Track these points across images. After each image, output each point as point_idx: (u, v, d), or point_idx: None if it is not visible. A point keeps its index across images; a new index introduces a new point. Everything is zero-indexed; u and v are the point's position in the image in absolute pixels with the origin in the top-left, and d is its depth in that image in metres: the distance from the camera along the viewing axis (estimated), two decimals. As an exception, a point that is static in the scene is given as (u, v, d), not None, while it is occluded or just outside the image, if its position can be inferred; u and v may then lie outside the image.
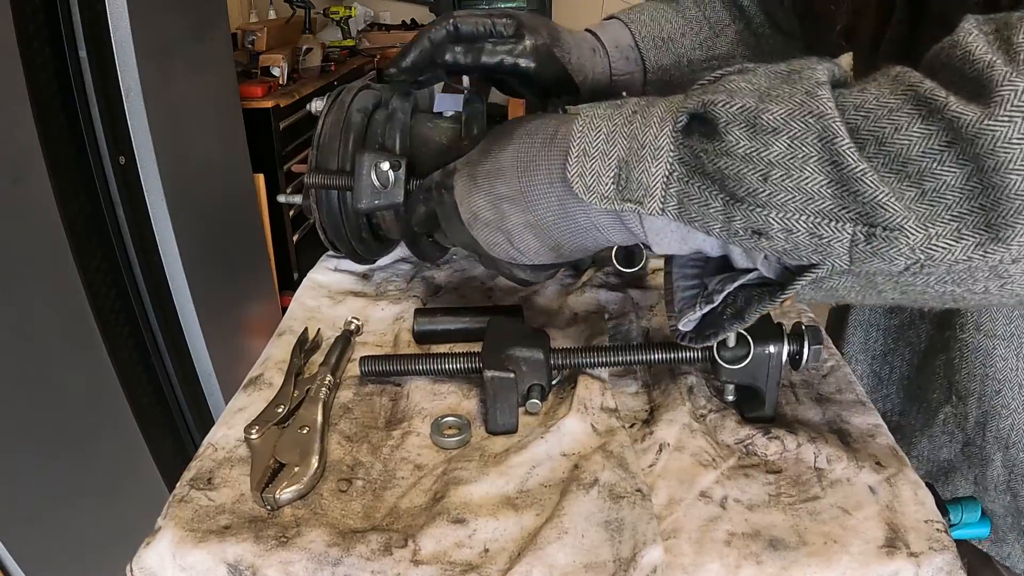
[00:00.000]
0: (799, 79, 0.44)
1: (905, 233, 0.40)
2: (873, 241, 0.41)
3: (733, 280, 0.51)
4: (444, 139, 0.76)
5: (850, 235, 0.42)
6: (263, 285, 2.31)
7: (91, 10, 1.46)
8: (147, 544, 0.52)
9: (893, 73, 0.43)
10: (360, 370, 0.68)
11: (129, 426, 1.62)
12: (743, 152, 0.43)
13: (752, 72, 0.47)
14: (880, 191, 0.40)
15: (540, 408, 0.64)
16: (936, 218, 0.40)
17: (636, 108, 0.49)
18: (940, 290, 0.44)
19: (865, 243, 0.42)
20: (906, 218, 0.40)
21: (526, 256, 0.58)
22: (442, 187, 0.60)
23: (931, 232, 0.40)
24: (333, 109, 0.76)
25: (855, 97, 0.42)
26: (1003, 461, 0.78)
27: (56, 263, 1.39)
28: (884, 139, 0.41)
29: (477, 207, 0.56)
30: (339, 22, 3.50)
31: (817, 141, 0.41)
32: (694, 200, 0.46)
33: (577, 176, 0.49)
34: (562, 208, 0.53)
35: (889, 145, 0.40)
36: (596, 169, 0.48)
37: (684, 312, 0.54)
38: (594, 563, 0.50)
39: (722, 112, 0.44)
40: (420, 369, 0.67)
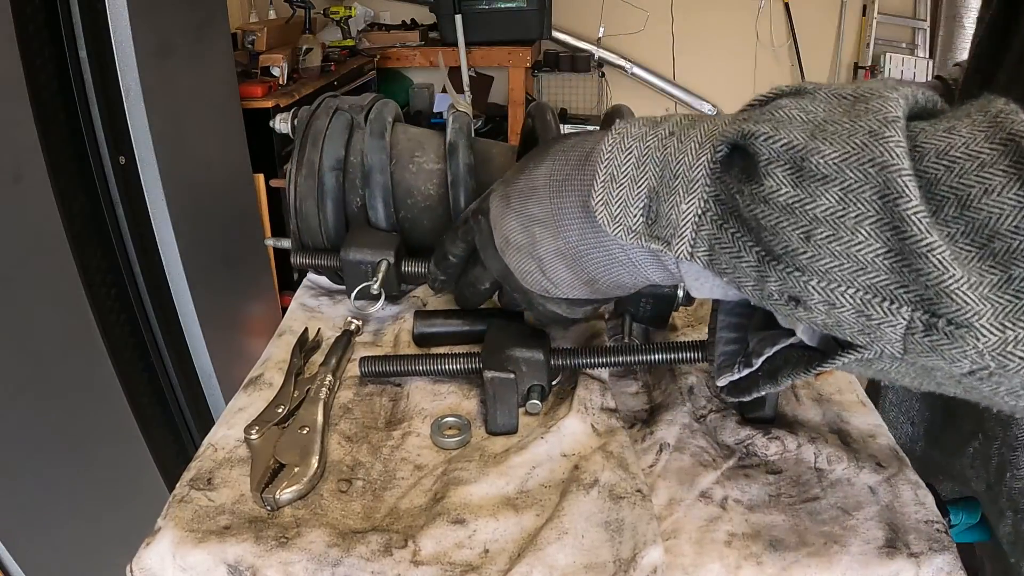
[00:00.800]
0: (865, 111, 0.35)
1: (975, 332, 0.32)
2: (933, 334, 0.33)
3: (774, 343, 0.45)
4: (430, 186, 0.75)
5: (906, 321, 0.34)
6: (263, 285, 2.31)
7: (91, 10, 1.46)
8: (147, 544, 0.52)
9: (994, 111, 0.33)
10: (360, 371, 0.68)
11: (129, 427, 1.62)
12: (784, 201, 0.35)
13: (811, 96, 0.38)
14: (951, 274, 0.32)
15: (540, 409, 0.64)
16: (1019, 318, 0.31)
17: (674, 129, 0.41)
18: (1012, 402, 0.35)
19: (923, 334, 0.33)
20: (980, 313, 0.31)
21: (559, 289, 0.51)
22: (479, 212, 0.55)
23: (1008, 335, 0.31)
24: (303, 169, 0.73)
25: (939, 140, 0.33)
26: (1013, 522, 0.71)
27: (56, 263, 1.39)
28: (969, 202, 0.32)
29: (509, 230, 0.51)
30: (339, 22, 3.50)
31: (877, 198, 0.33)
32: (726, 249, 0.38)
33: (602, 204, 0.42)
34: (595, 237, 0.46)
35: (974, 211, 0.32)
36: (624, 198, 0.41)
37: (723, 370, 0.50)
38: (594, 563, 0.50)
39: (763, 148, 0.36)
40: (420, 370, 0.67)
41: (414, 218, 0.77)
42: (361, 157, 0.73)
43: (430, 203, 0.76)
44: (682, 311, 0.80)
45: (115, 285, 1.63)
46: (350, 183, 0.74)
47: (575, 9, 3.95)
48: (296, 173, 0.73)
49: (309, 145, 0.73)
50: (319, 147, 0.73)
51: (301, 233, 0.76)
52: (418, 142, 0.77)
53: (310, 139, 0.74)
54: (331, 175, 0.73)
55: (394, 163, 0.75)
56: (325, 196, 0.73)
